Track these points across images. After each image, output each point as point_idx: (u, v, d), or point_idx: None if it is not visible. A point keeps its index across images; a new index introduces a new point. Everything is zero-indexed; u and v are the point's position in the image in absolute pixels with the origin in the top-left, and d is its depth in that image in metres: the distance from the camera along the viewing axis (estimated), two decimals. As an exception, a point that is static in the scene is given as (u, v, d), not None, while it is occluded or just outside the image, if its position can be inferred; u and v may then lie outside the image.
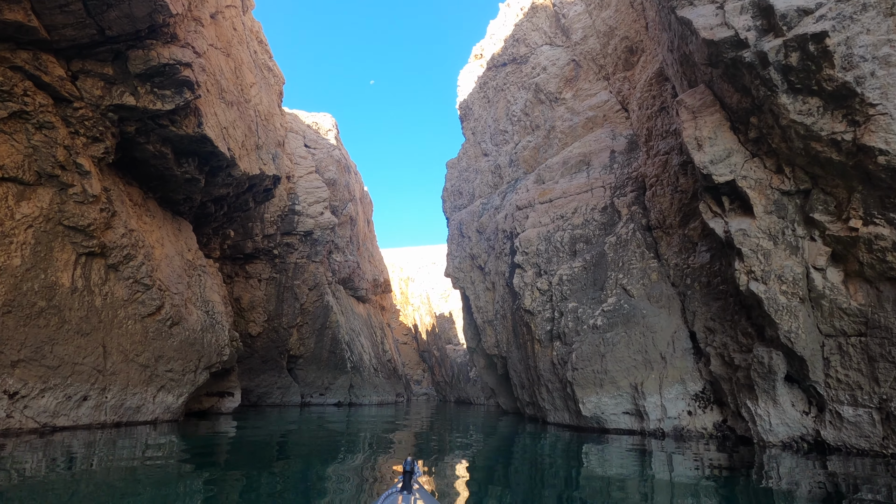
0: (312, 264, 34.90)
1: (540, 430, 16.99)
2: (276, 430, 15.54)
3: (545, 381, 18.26)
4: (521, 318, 20.33)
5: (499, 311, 24.39)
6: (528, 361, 19.83)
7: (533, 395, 20.25)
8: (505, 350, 23.78)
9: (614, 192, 19.15)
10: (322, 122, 43.37)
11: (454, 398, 54.90)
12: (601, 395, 15.37)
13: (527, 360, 20.34)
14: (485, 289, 27.00)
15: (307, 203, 35.15)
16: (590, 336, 16.00)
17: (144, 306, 15.50)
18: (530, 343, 19.53)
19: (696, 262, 15.06)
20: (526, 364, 20.57)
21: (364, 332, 43.31)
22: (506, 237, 23.75)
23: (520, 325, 20.88)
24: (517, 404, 23.89)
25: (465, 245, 28.65)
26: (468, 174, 31.20)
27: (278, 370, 33.13)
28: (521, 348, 21.23)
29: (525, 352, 20.63)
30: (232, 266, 32.55)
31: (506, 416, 26.34)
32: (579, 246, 18.62)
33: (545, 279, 18.91)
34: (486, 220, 27.09)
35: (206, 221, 21.35)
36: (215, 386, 21.68)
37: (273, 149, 22.56)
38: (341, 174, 41.30)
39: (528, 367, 20.01)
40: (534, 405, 20.94)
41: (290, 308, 33.81)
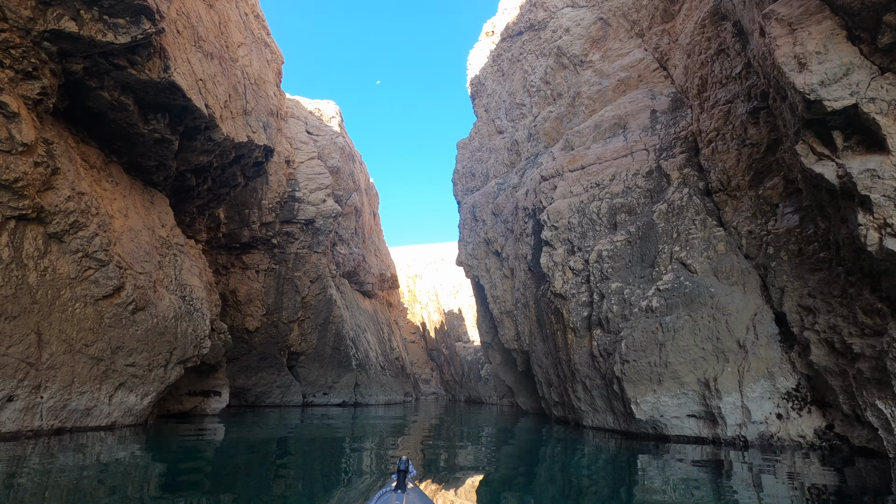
0: (314, 255, 31.69)
1: (574, 436, 13.69)
2: (266, 437, 12.31)
3: (581, 378, 14.94)
4: (549, 305, 17.03)
5: (519, 299, 21.08)
6: (559, 355, 16.52)
7: (564, 393, 16.92)
8: (527, 343, 20.46)
9: (659, 154, 15.85)
10: (325, 109, 40.24)
11: (464, 397, 51.53)
12: (660, 394, 12.03)
13: (556, 353, 17.03)
14: (502, 276, 23.69)
15: (308, 190, 31.96)
16: (642, 321, 12.68)
17: (98, 286, 12.29)
18: (561, 333, 16.22)
19: (780, 227, 11.71)
20: (555, 358, 17.25)
21: (370, 328, 40.06)
22: (527, 215, 20.46)
23: (547, 313, 17.58)
24: (542, 404, 20.56)
25: (479, 230, 25.37)
26: (481, 154, 27.93)
27: (278, 368, 29.90)
28: (548, 340, 17.91)
29: (553, 344, 17.32)
30: (227, 256, 29.38)
31: (526, 418, 23.01)
32: (620, 217, 15.31)
33: (579, 257, 15.60)
34: (503, 201, 23.81)
35: (187, 197, 18.18)
36: (199, 384, 18.48)
37: (264, 117, 19.41)
38: (345, 162, 38.13)
39: (558, 361, 16.70)
40: (564, 405, 17.59)
41: (291, 301, 30.60)
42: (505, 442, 13.21)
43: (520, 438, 14.13)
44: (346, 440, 12.45)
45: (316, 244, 31.81)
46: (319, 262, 31.82)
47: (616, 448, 11.50)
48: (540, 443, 12.91)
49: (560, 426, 17.25)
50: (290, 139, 32.38)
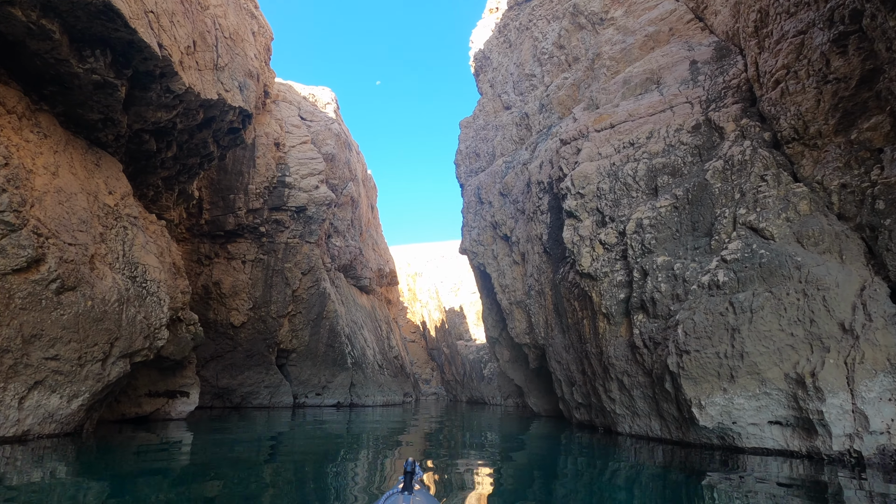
0: (306, 245, 28.65)
1: (605, 446, 10.67)
2: (239, 452, 9.26)
3: (616, 374, 11.91)
4: (572, 289, 14.01)
5: (532, 286, 18.06)
6: (585, 347, 13.49)
7: (591, 393, 13.88)
8: (542, 336, 17.42)
9: (707, 106, 12.85)
10: (320, 95, 37.26)
11: (466, 398, 48.41)
12: (732, 394, 9.00)
13: (581, 345, 14.00)
14: (511, 263, 20.67)
15: (299, 175, 28.94)
16: (705, 301, 9.66)
17: (5, 256, 9.27)
18: (588, 321, 13.20)
19: (892, 176, 8.72)
20: (579, 352, 14.22)
21: (367, 324, 37.00)
22: (542, 190, 17.46)
23: (568, 299, 14.56)
24: (560, 406, 17.50)
25: (486, 213, 22.37)
26: (486, 132, 24.94)
27: (266, 366, 26.82)
28: (570, 331, 14.89)
29: (577, 335, 14.29)
30: (211, 245, 26.33)
31: (538, 421, 19.96)
32: (662, 179, 12.30)
33: (612, 228, 12.59)
34: (512, 180, 20.82)
35: (149, 166, 15.18)
36: (162, 383, 15.42)
37: (241, 77, 16.44)
38: (341, 150, 35.13)
39: (584, 355, 13.67)
40: (591, 408, 14.55)
41: (280, 294, 27.54)
42: (517, 450, 10.21)
43: (534, 447, 11.13)
44: (339, 453, 9.43)
45: (308, 233, 28.78)
46: (312, 252, 28.79)
47: (666, 462, 8.50)
48: (559, 452, 9.94)
49: (584, 432, 14.22)
50: (279, 121, 29.40)
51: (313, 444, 11.09)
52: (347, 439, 12.36)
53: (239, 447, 10.15)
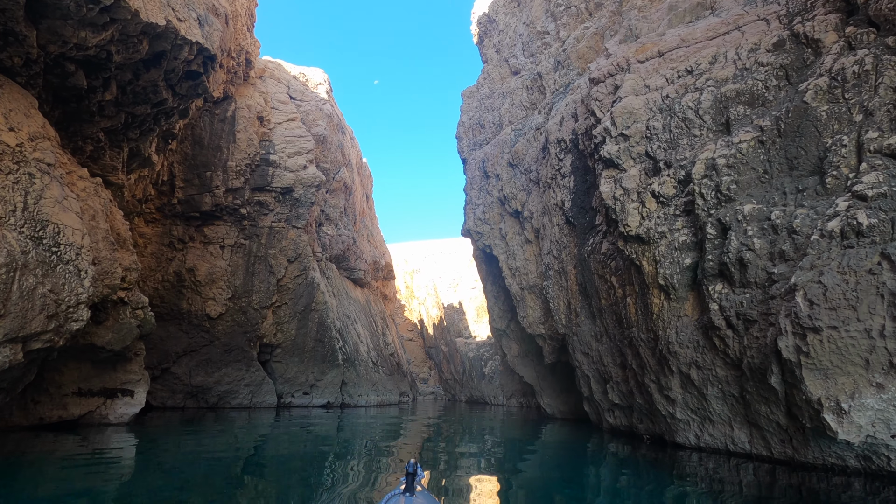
0: (293, 230, 25.31)
1: (658, 462, 7.44)
2: (191, 469, 5.98)
3: (679, 366, 8.65)
4: (609, 262, 10.75)
5: (550, 266, 14.79)
6: (630, 333, 10.22)
7: (637, 392, 10.58)
8: (563, 324, 14.15)
9: (790, 20, 9.65)
10: (312, 75, 34.00)
11: (465, 398, 45.04)
12: (893, 393, 5.80)
13: (622, 331, 10.73)
14: (522, 242, 17.42)
15: (286, 154, 25.63)
16: (837, 255, 6.39)
17: None
18: (635, 299, 9.93)
19: None
20: (619, 339, 10.94)
21: (361, 319, 33.65)
22: (563, 150, 14.23)
23: (602, 275, 11.31)
24: (585, 407, 14.19)
25: (492, 187, 19.13)
26: (492, 101, 21.71)
27: (247, 362, 23.44)
28: (604, 315, 11.62)
29: (616, 319, 11.02)
30: (184, 227, 22.96)
31: (553, 424, 16.68)
32: (737, 111, 9.06)
33: (670, 176, 9.34)
34: (524, 147, 17.58)
35: (83, 110, 11.89)
36: (97, 379, 12.07)
37: (202, 10, 13.17)
38: (333, 132, 31.85)
39: (628, 342, 10.40)
40: (632, 410, 11.24)
41: (263, 283, 24.19)
42: (532, 460, 6.99)
43: (552, 456, 7.91)
44: (325, 464, 6.15)
45: (295, 217, 25.46)
46: (299, 238, 25.45)
47: (770, 491, 5.26)
48: (585, 461, 6.72)
49: (619, 441, 10.96)
50: (264, 94, 26.12)
51: (294, 454, 7.78)
52: (336, 448, 9.10)
53: (191, 464, 6.87)
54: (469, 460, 8.25)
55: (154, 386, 22.31)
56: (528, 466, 7.40)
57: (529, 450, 9.99)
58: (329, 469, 7.32)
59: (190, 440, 10.42)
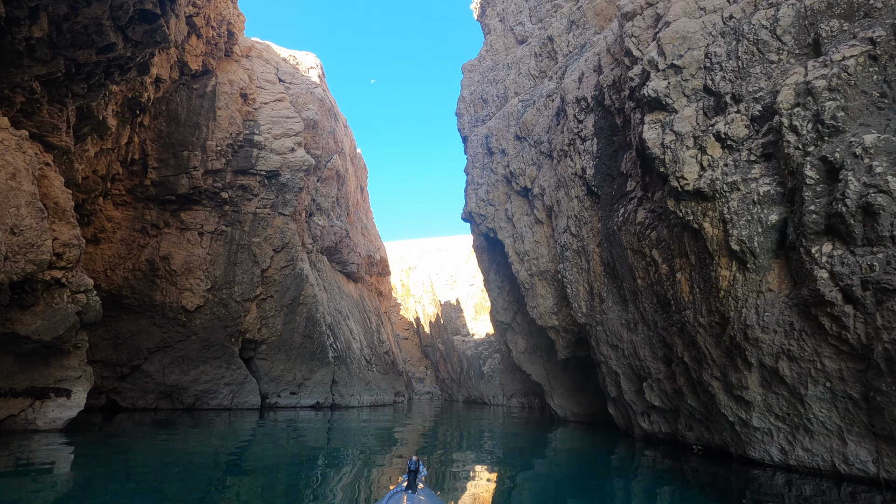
0: (279, 217, 22.96)
1: (747, 484, 5.18)
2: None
3: (760, 357, 6.35)
4: (649, 231, 8.46)
5: (567, 246, 12.51)
6: (683, 318, 7.93)
7: (688, 391, 8.26)
8: (584, 312, 11.86)
9: (889, -83, 7.42)
10: (303, 58, 31.70)
11: (463, 397, 42.67)
12: None
13: (668, 316, 8.44)
14: (532, 222, 15.14)
15: (272, 135, 23.30)
16: None
17: None
18: (689, 274, 7.64)
19: None
20: (663, 326, 8.64)
21: (354, 315, 31.28)
22: (585, 109, 11.94)
23: (638, 250, 9.02)
24: (610, 409, 11.86)
25: (497, 164, 16.86)
26: (495, 73, 19.45)
27: (227, 359, 21.04)
28: (640, 298, 9.33)
29: (657, 302, 8.73)
30: (159, 212, 20.54)
31: (564, 428, 14.39)
32: (829, 26, 6.81)
33: (740, 112, 7.06)
34: (533, 117, 15.32)
35: (9, 51, 9.55)
36: (22, 376, 9.68)
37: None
38: (325, 118, 29.53)
39: (679, 329, 8.10)
40: (679, 414, 8.93)
41: (247, 274, 21.82)
42: (572, 486, 4.79)
43: (596, 481, 5.64)
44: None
45: (281, 204, 23.11)
46: (286, 226, 23.09)
47: None
48: (627, 479, 4.54)
49: (658, 451, 8.69)
50: (249, 71, 23.79)
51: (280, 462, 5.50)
52: (325, 459, 6.81)
53: (130, 477, 4.61)
54: (474, 470, 6.00)
55: (123, 385, 19.90)
56: (548, 479, 5.18)
57: (546, 457, 7.74)
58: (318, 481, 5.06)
59: (147, 447, 8.10)
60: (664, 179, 7.76)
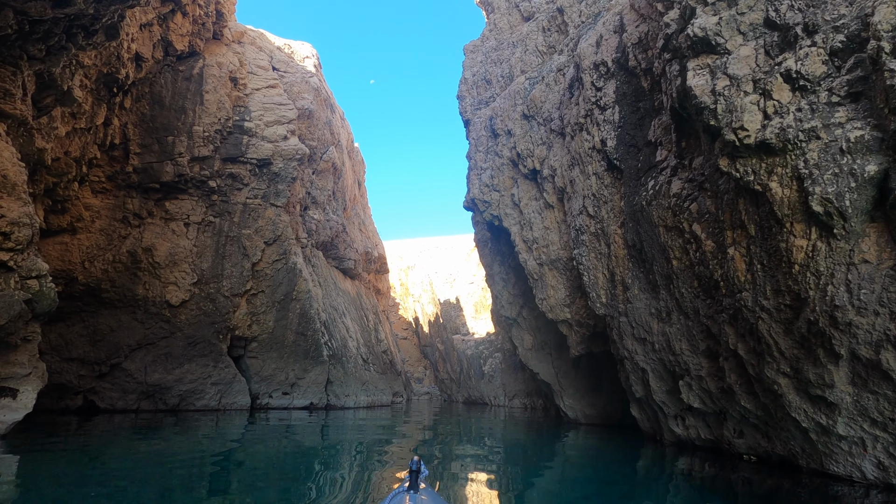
0: (271, 209, 21.50)
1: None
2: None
3: (854, 346, 4.96)
4: (688, 204, 7.00)
5: (583, 229, 11.07)
6: (739, 301, 6.46)
7: (742, 392, 6.78)
8: (604, 302, 10.42)
9: None
10: (298, 48, 30.30)
11: (462, 398, 41.18)
12: None
13: (713, 302, 6.97)
14: (542, 207, 13.70)
15: (263, 122, 21.85)
16: None
17: None
18: (749, 247, 6.17)
19: None
20: (710, 315, 7.16)
21: (351, 312, 29.81)
22: (604, 75, 10.51)
23: (678, 225, 7.57)
24: (634, 412, 10.41)
25: (502, 147, 15.43)
26: (499, 53, 18.05)
27: (214, 357, 19.54)
28: (678, 282, 7.87)
29: (698, 285, 7.26)
30: (142, 201, 19.06)
31: (576, 431, 12.93)
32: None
33: (817, 47, 5.66)
34: (542, 94, 13.90)
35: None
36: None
37: None
38: (321, 108, 28.10)
39: (729, 317, 6.62)
40: (725, 417, 7.43)
41: (236, 268, 20.35)
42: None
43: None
44: None
45: (273, 194, 21.66)
46: (279, 218, 21.64)
47: None
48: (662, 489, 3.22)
49: (695, 459, 7.25)
50: (239, 55, 22.36)
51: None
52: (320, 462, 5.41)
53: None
54: (478, 478, 4.62)
55: (101, 385, 18.39)
56: (568, 488, 3.86)
57: (561, 464, 6.32)
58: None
59: (118, 452, 6.64)
60: (714, 135, 6.33)
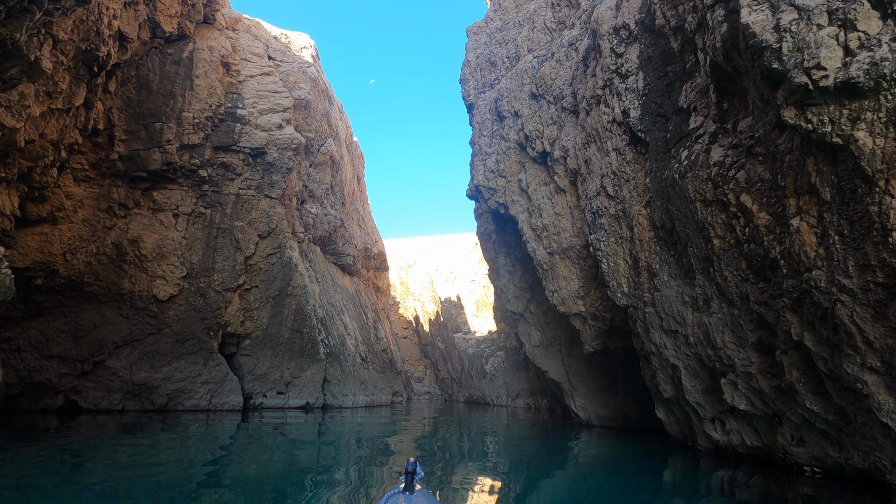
0: (266, 200, 20.35)
1: None
2: None
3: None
4: (734, 173, 5.78)
5: (602, 211, 9.92)
6: (805, 282, 5.32)
7: (807, 392, 5.63)
8: (625, 292, 9.26)
9: None
10: (296, 38, 29.18)
11: (463, 397, 39.99)
12: None
13: (768, 286, 5.78)
14: (553, 191, 12.55)
15: (257, 110, 20.71)
16: None
17: None
18: (820, 216, 5.05)
19: None
20: (763, 301, 5.98)
21: (349, 309, 28.65)
22: (626, 39, 9.34)
23: (721, 198, 6.36)
24: (661, 414, 9.25)
25: (508, 130, 14.28)
26: (504, 34, 16.91)
27: (205, 355, 18.38)
28: (721, 264, 6.67)
29: (748, 267, 6.10)
30: (128, 190, 17.91)
31: (588, 433, 11.78)
32: None
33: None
34: (552, 70, 12.74)
35: None
36: None
37: None
38: (318, 99, 26.97)
39: (792, 302, 5.43)
40: (779, 422, 6.28)
41: (228, 261, 19.19)
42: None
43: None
44: None
45: (268, 185, 20.51)
46: (273, 210, 20.49)
47: None
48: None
49: (740, 470, 6.10)
50: (232, 39, 21.23)
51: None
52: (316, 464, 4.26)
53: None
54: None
55: (84, 383, 17.23)
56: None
57: (580, 471, 5.17)
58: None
59: (97, 456, 5.49)
60: (776, 82, 5.18)
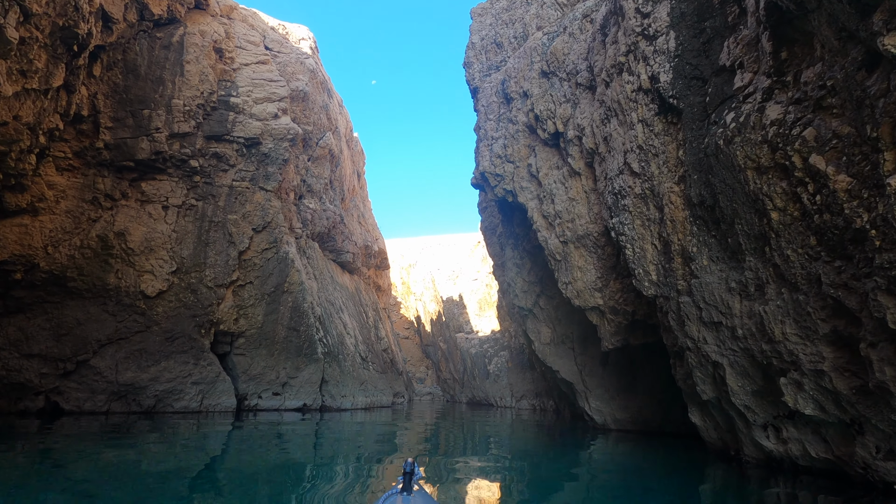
0: (261, 193, 19.25)
1: None
2: None
3: None
4: (798, 130, 4.75)
5: (625, 192, 8.79)
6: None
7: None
8: (654, 280, 8.14)
9: None
10: (293, 29, 28.14)
11: (466, 398, 38.83)
12: None
13: (851, 261, 4.76)
14: (566, 175, 11.42)
15: (252, 99, 19.62)
16: None
17: None
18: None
19: None
20: (841, 283, 4.99)
21: (349, 308, 27.53)
22: (643, 12, 8.30)
23: (784, 163, 5.31)
24: (696, 418, 8.11)
25: (517, 112, 13.17)
26: (511, 13, 15.81)
27: (196, 354, 17.26)
28: (780, 242, 5.60)
29: (819, 244, 5.03)
30: (115, 180, 16.81)
31: (604, 437, 10.65)
32: None
33: None
34: (565, 45, 11.63)
35: None
36: None
37: None
38: (317, 91, 25.90)
39: (882, 283, 4.46)
40: (862, 430, 5.22)
41: (221, 256, 18.09)
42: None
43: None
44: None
45: (263, 177, 19.42)
46: (269, 203, 19.38)
47: None
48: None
49: (800, 486, 4.96)
50: (226, 26, 20.16)
51: None
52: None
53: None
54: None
55: (66, 384, 16.11)
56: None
57: (608, 485, 4.07)
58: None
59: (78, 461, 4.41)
60: (871, 5, 4.07)
